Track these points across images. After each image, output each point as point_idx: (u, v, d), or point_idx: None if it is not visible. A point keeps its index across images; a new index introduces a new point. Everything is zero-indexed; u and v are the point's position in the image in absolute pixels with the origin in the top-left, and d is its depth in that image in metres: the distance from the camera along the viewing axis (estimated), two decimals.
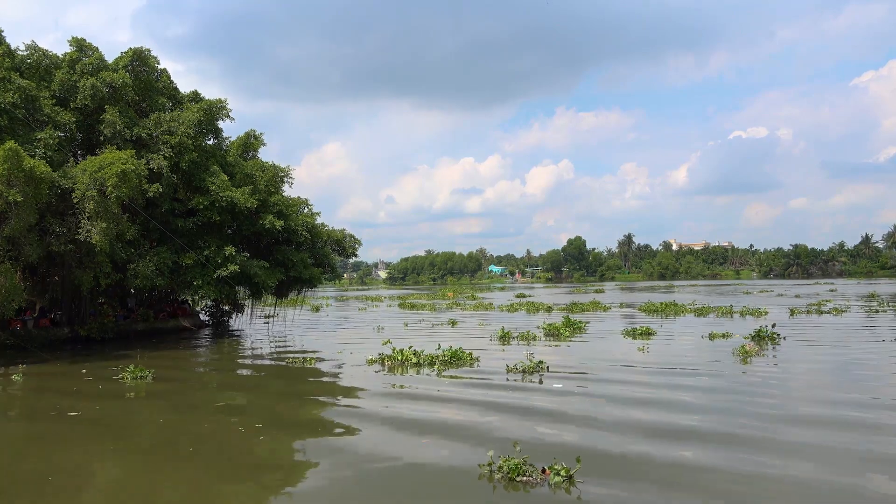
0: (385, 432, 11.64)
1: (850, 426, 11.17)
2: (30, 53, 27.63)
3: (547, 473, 8.62)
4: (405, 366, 18.89)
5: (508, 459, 8.76)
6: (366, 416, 12.96)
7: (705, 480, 8.58)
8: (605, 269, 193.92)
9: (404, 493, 8.49)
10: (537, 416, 12.38)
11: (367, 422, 12.39)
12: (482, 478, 8.74)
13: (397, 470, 9.44)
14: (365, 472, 9.44)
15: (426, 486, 8.78)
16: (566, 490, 8.32)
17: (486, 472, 8.83)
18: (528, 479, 8.58)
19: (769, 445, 10.12)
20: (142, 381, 17.56)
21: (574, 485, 8.44)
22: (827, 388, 14.99)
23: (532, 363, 17.34)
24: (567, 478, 8.50)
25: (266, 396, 16.33)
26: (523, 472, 8.64)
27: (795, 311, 36.85)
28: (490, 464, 8.90)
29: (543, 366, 17.42)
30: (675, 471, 9.02)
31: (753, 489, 8.26)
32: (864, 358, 19.26)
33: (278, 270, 31.01)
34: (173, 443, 11.68)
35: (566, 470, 8.55)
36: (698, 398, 13.89)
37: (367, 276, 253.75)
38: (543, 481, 8.54)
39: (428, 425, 11.88)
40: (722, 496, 8.04)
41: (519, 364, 17.47)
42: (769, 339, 22.56)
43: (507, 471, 8.65)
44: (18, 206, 21.44)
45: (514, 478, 8.59)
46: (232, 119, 31.48)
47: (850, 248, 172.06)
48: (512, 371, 17.24)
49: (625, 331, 27.39)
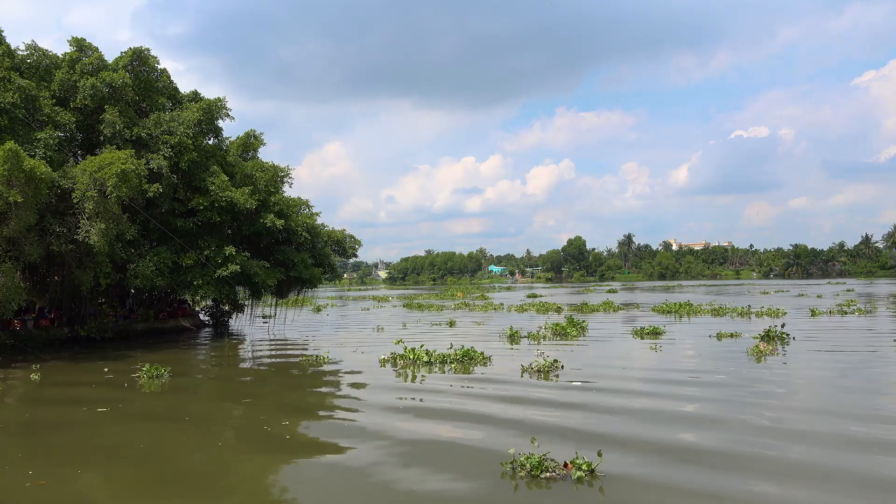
0: (404, 429, 11.49)
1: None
2: (30, 53, 27.44)
3: (569, 468, 8.47)
4: (417, 365, 18.74)
5: (530, 456, 8.64)
6: (383, 412, 12.96)
7: (728, 474, 8.39)
8: (605, 269, 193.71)
9: (427, 489, 8.38)
10: (559, 413, 12.22)
11: (385, 419, 12.34)
12: (504, 476, 8.60)
13: (416, 469, 9.27)
14: (384, 467, 9.30)
15: (450, 481, 8.67)
16: (589, 484, 8.19)
17: (509, 470, 8.71)
18: (550, 474, 8.45)
19: (772, 433, 9.88)
20: (158, 379, 17.57)
21: (596, 479, 8.32)
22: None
23: (547, 362, 17.13)
24: (589, 472, 8.38)
25: (285, 392, 16.53)
26: (546, 468, 8.51)
27: (816, 312, 35.22)
28: (512, 461, 8.77)
29: (558, 364, 17.21)
30: (694, 463, 8.86)
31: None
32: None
33: (278, 270, 30.79)
34: (220, 424, 12.70)
35: (588, 464, 8.43)
36: (708, 393, 13.73)
37: (367, 277, 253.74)
38: (566, 476, 8.40)
39: (449, 424, 11.77)
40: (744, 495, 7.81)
41: (534, 363, 17.27)
42: (779, 338, 22.23)
43: (530, 467, 8.51)
44: (18, 207, 21.23)
45: (537, 474, 8.45)
46: (232, 119, 31.32)
47: (850, 248, 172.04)
48: (528, 370, 17.04)
49: (638, 330, 26.86)
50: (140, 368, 18.19)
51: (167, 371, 18.07)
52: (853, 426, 10.70)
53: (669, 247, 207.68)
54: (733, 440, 10.03)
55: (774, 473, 8.43)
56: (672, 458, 9.15)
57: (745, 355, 19.37)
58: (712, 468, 8.72)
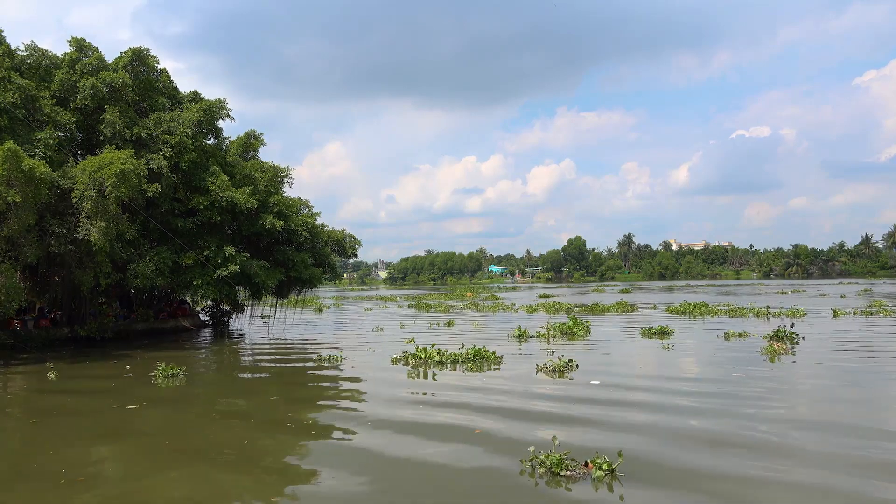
0: (421, 426, 11.41)
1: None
2: (29, 53, 27.24)
3: (589, 467, 8.31)
4: (429, 364, 18.60)
5: (550, 454, 8.49)
6: (399, 409, 12.93)
7: (752, 477, 8.22)
8: (605, 269, 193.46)
9: (446, 485, 8.40)
10: (577, 413, 12.04)
11: (397, 416, 12.25)
12: (524, 473, 8.49)
13: (435, 464, 9.19)
14: (402, 462, 9.33)
15: (469, 478, 8.61)
16: (608, 484, 8.02)
17: (528, 468, 8.58)
18: (570, 473, 8.30)
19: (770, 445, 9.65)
20: (173, 379, 17.48)
21: (616, 479, 8.16)
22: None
23: (562, 361, 16.92)
24: (609, 472, 8.21)
25: (302, 391, 16.52)
26: (566, 467, 8.36)
27: (839, 312, 33.80)
28: (532, 458, 8.63)
29: (573, 364, 17.00)
30: (712, 462, 8.72)
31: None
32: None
33: (278, 270, 30.60)
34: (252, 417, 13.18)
35: (608, 464, 8.26)
36: (715, 389, 13.67)
37: (367, 277, 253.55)
38: (586, 476, 8.24)
39: (467, 421, 11.62)
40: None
41: (549, 363, 17.05)
42: (788, 338, 22.00)
43: (550, 465, 8.36)
44: (18, 207, 21.04)
45: (558, 472, 8.29)
46: (232, 119, 31.11)
47: (850, 248, 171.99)
48: (543, 370, 16.80)
49: (646, 330, 26.52)
50: (157, 367, 18.04)
51: (182, 370, 17.99)
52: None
53: (669, 247, 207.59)
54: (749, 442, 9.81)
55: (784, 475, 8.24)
56: (692, 461, 8.96)
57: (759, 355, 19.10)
58: (730, 475, 8.45)
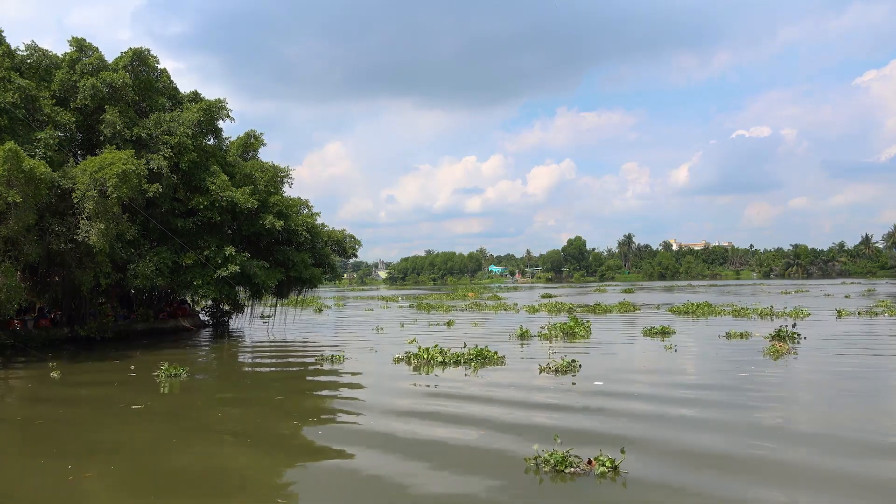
0: (426, 424, 11.46)
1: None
2: (30, 53, 27.23)
3: (593, 464, 8.36)
4: (431, 364, 18.60)
5: (554, 452, 8.53)
6: (404, 408, 12.95)
7: (751, 472, 8.20)
8: (605, 270, 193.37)
9: (453, 481, 8.46)
10: (581, 412, 12.07)
11: (401, 416, 12.27)
12: (528, 471, 8.52)
13: (441, 462, 9.24)
14: (408, 460, 9.38)
15: (475, 474, 8.65)
16: (612, 480, 8.06)
17: (533, 465, 8.61)
18: (574, 470, 8.33)
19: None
20: (176, 378, 17.50)
21: (619, 475, 8.19)
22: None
23: (565, 361, 16.90)
24: (612, 468, 8.27)
25: (304, 390, 16.55)
26: (570, 464, 8.39)
27: (843, 312, 33.58)
28: (536, 457, 8.66)
29: (576, 364, 16.97)
30: (714, 468, 8.68)
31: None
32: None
33: (278, 270, 30.61)
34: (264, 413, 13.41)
35: (611, 461, 8.32)
36: (727, 393, 13.65)
37: (367, 277, 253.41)
38: (589, 472, 8.28)
39: (472, 420, 11.66)
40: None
41: (551, 363, 17.02)
42: (790, 338, 21.99)
43: (554, 463, 8.39)
44: (18, 207, 21.03)
45: (562, 470, 8.33)
46: (232, 119, 31.12)
47: (850, 248, 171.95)
48: (546, 370, 16.76)
49: (648, 330, 26.51)
50: (160, 367, 18.02)
51: (185, 371, 17.98)
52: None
53: (669, 247, 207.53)
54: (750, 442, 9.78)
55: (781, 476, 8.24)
56: (694, 459, 8.96)
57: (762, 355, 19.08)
58: (732, 473, 8.45)
